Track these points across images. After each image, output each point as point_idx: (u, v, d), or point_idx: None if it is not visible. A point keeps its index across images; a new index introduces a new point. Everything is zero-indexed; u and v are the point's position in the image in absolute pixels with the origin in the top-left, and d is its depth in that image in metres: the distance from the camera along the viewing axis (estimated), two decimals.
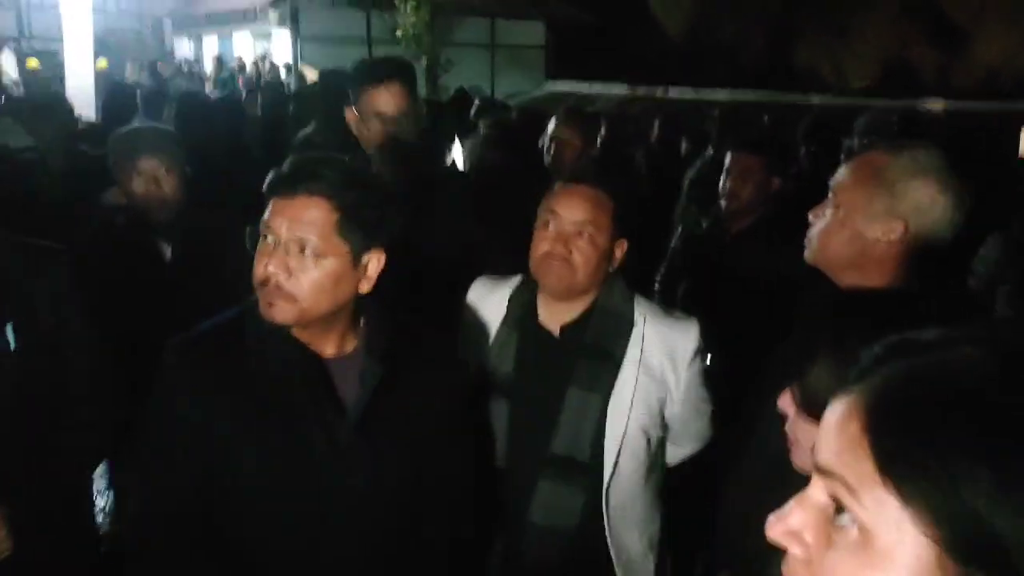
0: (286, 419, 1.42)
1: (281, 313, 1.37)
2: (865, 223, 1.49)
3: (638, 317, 1.82)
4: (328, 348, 1.47)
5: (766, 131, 5.32)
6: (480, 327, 1.91)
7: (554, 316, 1.84)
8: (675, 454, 1.97)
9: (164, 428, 1.46)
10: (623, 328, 1.81)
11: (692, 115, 7.77)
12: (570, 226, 1.74)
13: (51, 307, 1.72)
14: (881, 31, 17.63)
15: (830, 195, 1.56)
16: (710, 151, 4.32)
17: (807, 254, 1.59)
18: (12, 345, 1.64)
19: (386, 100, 2.19)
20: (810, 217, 1.58)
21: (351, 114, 2.25)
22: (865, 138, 3.81)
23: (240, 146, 4.20)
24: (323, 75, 5.26)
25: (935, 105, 14.53)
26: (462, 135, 6.45)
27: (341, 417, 1.44)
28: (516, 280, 1.92)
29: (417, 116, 2.29)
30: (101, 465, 2.65)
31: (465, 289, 1.99)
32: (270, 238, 1.37)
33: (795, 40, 18.47)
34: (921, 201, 1.46)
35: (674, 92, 15.16)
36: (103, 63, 16.24)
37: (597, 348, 1.79)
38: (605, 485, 1.78)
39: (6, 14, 24.93)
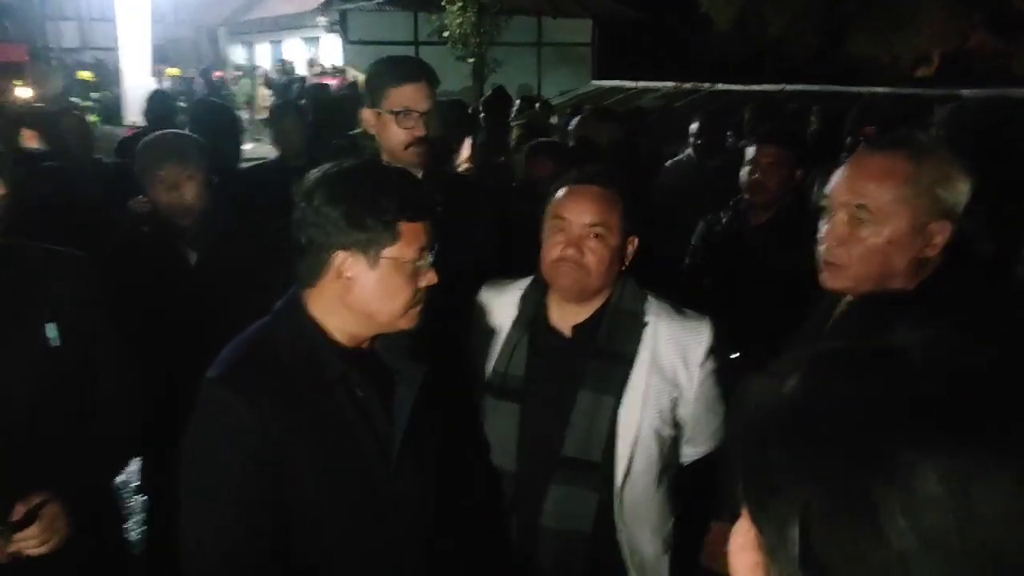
0: (340, 435, 1.42)
1: None
2: (914, 234, 1.43)
3: (649, 317, 1.80)
4: (366, 344, 1.50)
5: (790, 122, 5.22)
6: (491, 329, 1.90)
7: (565, 317, 1.83)
8: (690, 453, 1.94)
9: (230, 468, 1.37)
10: (635, 328, 1.79)
11: (738, 109, 7.65)
12: (581, 228, 1.73)
13: (77, 310, 1.78)
14: (938, 19, 17.10)
15: (844, 212, 1.47)
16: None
17: (830, 280, 1.51)
18: (57, 342, 1.72)
19: (416, 98, 2.14)
20: (829, 243, 1.49)
21: (370, 114, 2.20)
22: (943, 129, 3.65)
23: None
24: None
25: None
26: (501, 134, 6.48)
27: (390, 425, 1.47)
28: (526, 282, 1.91)
29: (440, 116, 2.26)
30: (133, 465, 2.72)
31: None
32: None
33: (848, 31, 18.04)
34: (959, 197, 1.43)
35: (723, 87, 14.90)
36: (175, 71, 16.74)
37: (609, 349, 1.78)
38: (618, 487, 1.77)
39: (68, 24, 25.88)
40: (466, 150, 3.54)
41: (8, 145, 2.02)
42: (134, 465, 2.73)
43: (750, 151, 2.92)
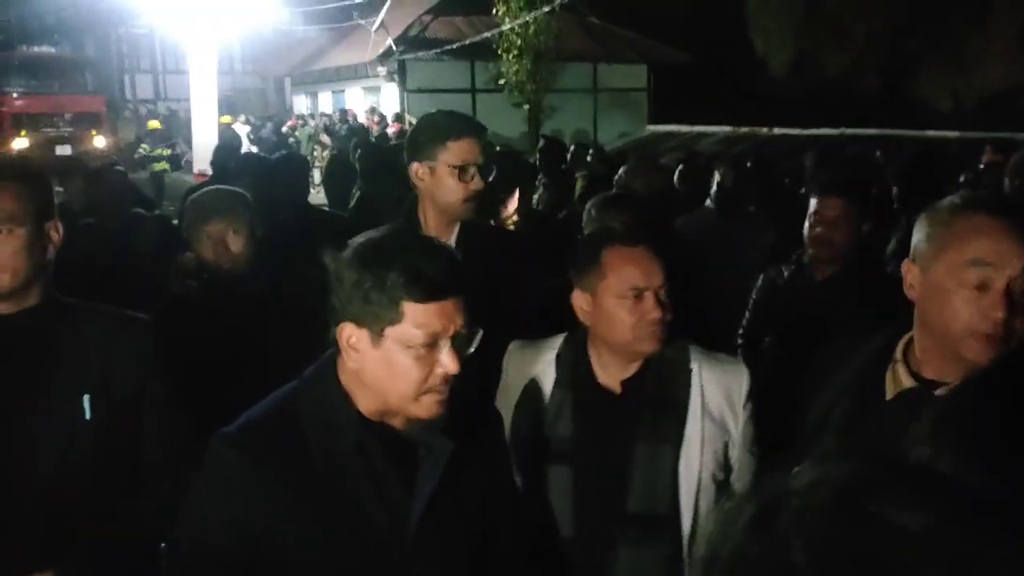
0: (350, 509, 1.35)
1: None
2: None
3: (694, 363, 1.79)
4: (397, 420, 1.41)
5: (857, 172, 5.03)
6: (526, 390, 1.86)
7: (612, 373, 1.80)
8: None
9: (214, 525, 1.36)
10: (683, 375, 1.78)
11: (797, 154, 7.53)
12: (658, 288, 1.73)
13: (132, 377, 1.73)
14: (1001, 61, 16.67)
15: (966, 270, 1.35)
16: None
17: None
18: (88, 415, 1.65)
19: (475, 151, 2.16)
20: (999, 314, 1.33)
21: (422, 168, 2.20)
22: (1018, 178, 3.47)
23: (304, 204, 4.25)
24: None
25: None
26: (559, 184, 6.44)
27: (409, 502, 1.38)
28: (558, 341, 1.88)
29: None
30: None
31: None
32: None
33: (910, 73, 17.71)
34: None
35: (780, 131, 14.71)
36: (226, 119, 17.39)
37: (660, 398, 1.76)
38: (686, 538, 1.73)
39: (144, 77, 27.12)
40: (513, 203, 3.50)
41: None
42: None
43: (813, 203, 2.81)
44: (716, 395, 1.77)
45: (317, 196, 7.23)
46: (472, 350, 1.36)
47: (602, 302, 1.75)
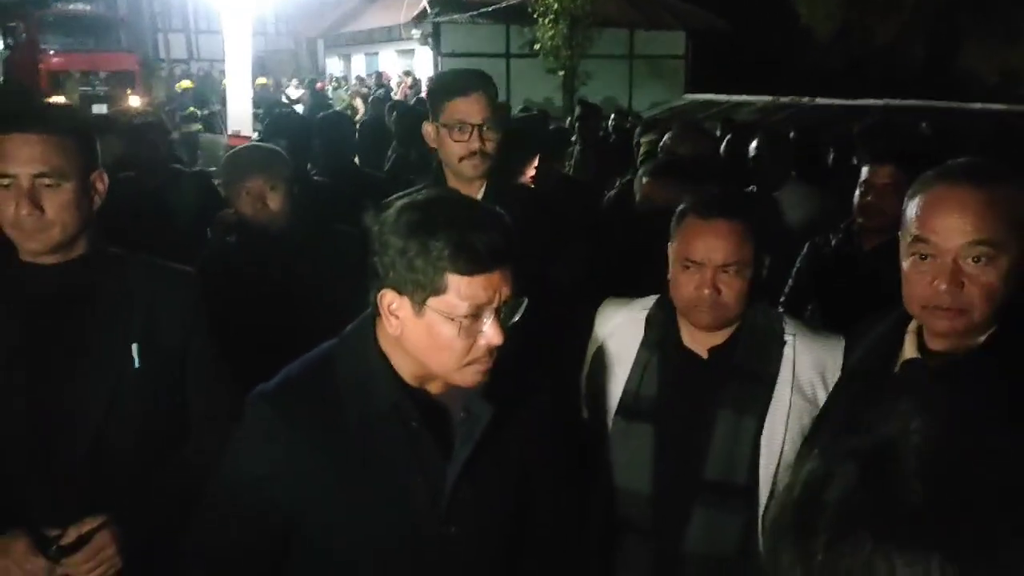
0: (384, 470, 1.33)
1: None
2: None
3: (788, 336, 1.77)
4: (435, 386, 1.38)
5: (911, 141, 4.87)
6: (615, 349, 1.88)
7: (700, 339, 1.79)
8: None
9: (245, 479, 1.36)
10: (775, 347, 1.76)
11: (840, 124, 7.36)
12: (718, 267, 1.70)
13: (177, 328, 1.73)
14: None
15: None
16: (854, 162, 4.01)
17: (949, 324, 1.35)
18: (137, 363, 1.66)
19: (470, 110, 2.14)
20: (942, 286, 1.33)
21: (430, 128, 2.21)
22: None
23: (348, 164, 4.20)
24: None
25: None
26: (594, 148, 6.34)
27: (445, 465, 1.35)
28: (650, 301, 1.88)
29: (501, 127, 2.22)
30: None
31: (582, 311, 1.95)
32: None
33: (958, 45, 17.22)
34: None
35: (822, 100, 14.39)
36: (263, 80, 17.39)
37: (748, 368, 1.75)
38: (762, 509, 1.72)
39: (177, 36, 27.17)
40: (532, 168, 3.43)
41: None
42: None
43: (864, 171, 2.73)
44: (809, 369, 1.74)
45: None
46: (517, 318, 1.31)
47: (672, 265, 1.78)
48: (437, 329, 1.26)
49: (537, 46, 16.80)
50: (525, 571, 1.52)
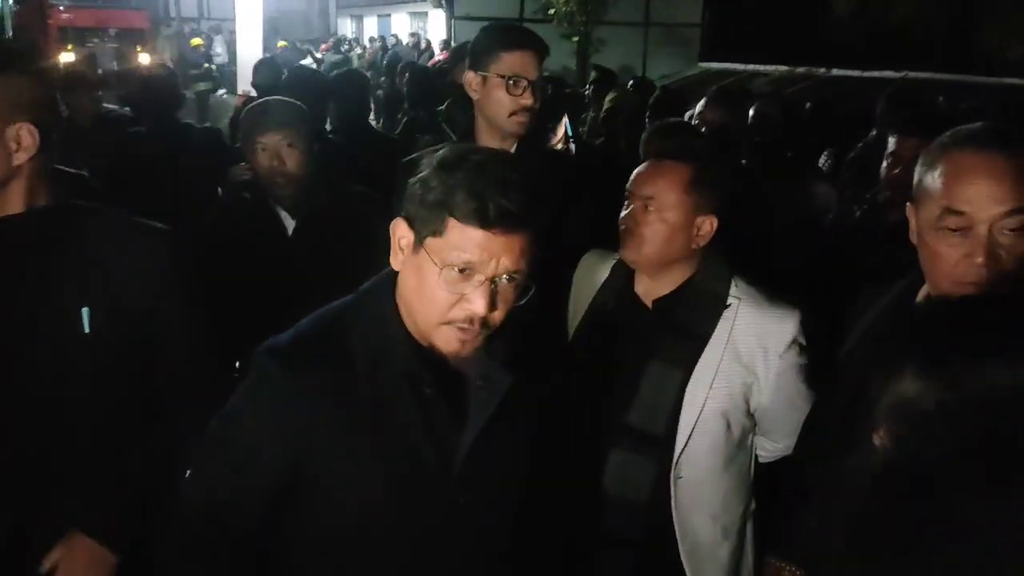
0: (396, 437, 1.29)
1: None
2: None
3: (733, 299, 1.79)
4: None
5: (939, 112, 4.77)
6: (584, 297, 1.93)
7: (648, 290, 1.85)
8: (769, 449, 1.91)
9: (251, 434, 1.32)
10: (714, 308, 1.79)
11: (858, 96, 7.25)
12: (639, 201, 1.76)
13: (143, 290, 1.58)
14: None
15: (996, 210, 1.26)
16: (873, 133, 3.93)
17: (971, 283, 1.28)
18: (87, 328, 1.52)
19: (528, 66, 2.09)
20: (978, 259, 1.26)
21: (475, 78, 2.11)
22: None
23: (364, 124, 4.13)
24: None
25: None
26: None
27: (458, 433, 1.32)
28: None
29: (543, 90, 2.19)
30: None
31: None
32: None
33: (978, 18, 16.91)
34: None
35: (839, 72, 14.18)
36: (283, 43, 17.22)
37: (685, 325, 1.79)
38: (674, 460, 1.77)
39: None
40: (561, 129, 3.40)
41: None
42: None
43: (891, 142, 2.68)
44: (749, 335, 1.77)
45: None
46: (521, 303, 1.26)
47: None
48: (424, 271, 1.23)
49: (551, 11, 16.59)
50: (534, 539, 1.49)
